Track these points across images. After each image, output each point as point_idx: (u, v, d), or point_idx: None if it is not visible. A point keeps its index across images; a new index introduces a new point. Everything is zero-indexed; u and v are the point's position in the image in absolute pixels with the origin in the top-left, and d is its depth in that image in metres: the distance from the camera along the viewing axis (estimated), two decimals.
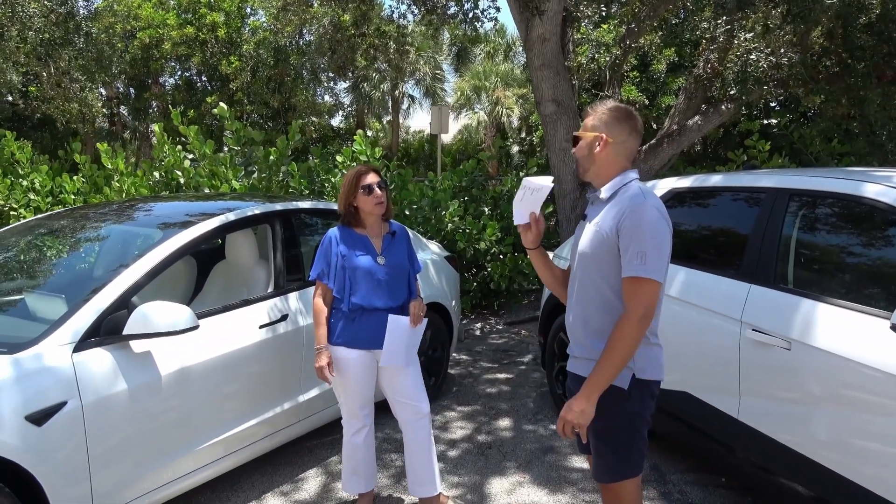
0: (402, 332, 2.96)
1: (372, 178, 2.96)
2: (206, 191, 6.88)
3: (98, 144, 8.21)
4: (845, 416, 2.51)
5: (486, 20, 8.95)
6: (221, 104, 7.11)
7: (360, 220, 3.03)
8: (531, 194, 2.26)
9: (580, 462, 3.76)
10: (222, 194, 6.02)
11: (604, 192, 2.19)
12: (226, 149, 7.70)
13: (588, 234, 2.18)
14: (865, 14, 6.40)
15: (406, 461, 3.16)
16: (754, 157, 7.98)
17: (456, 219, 6.97)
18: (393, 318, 2.94)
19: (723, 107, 7.01)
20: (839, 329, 2.56)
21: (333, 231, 3.04)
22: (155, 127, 7.69)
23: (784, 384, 2.79)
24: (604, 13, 8.13)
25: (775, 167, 7.13)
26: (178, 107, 16.12)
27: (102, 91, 18.20)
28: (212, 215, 3.42)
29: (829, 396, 2.58)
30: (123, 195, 7.32)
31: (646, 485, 3.48)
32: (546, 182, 2.23)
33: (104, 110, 18.00)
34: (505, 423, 4.37)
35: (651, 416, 2.19)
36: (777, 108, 11.98)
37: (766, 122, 11.96)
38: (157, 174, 7.37)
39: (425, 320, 3.04)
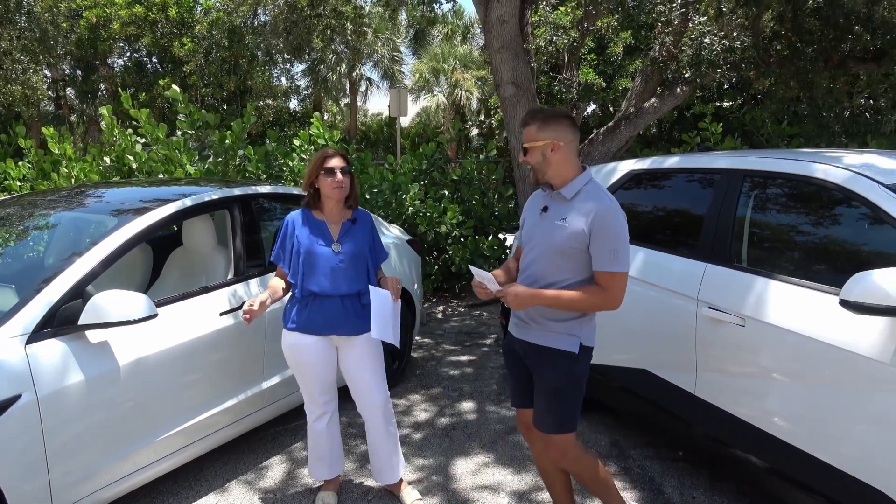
0: (386, 303, 2.90)
1: (336, 162, 2.93)
2: (160, 176, 6.71)
3: (43, 129, 7.92)
4: (797, 389, 2.61)
5: (443, 1, 8.91)
6: (174, 87, 6.93)
7: (320, 202, 3.00)
8: (486, 281, 2.46)
9: None
10: (177, 179, 5.89)
11: (567, 193, 2.43)
12: (178, 132, 7.52)
13: (555, 229, 2.42)
14: None
15: (369, 448, 3.17)
16: (707, 139, 8.15)
17: (417, 202, 6.95)
18: (374, 289, 2.89)
19: (678, 89, 7.13)
20: (791, 305, 2.65)
21: (293, 215, 3.01)
22: (103, 110, 7.44)
23: (739, 360, 2.88)
24: None
25: (728, 149, 7.29)
26: (129, 89, 15.63)
27: (47, 73, 17.53)
28: (169, 201, 3.34)
29: (782, 370, 2.67)
30: (72, 181, 7.09)
31: (607, 460, 3.57)
32: (488, 275, 2.46)
33: (49, 93, 17.37)
34: (468, 404, 4.42)
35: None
36: (728, 90, 12.22)
37: (718, 104, 12.20)
38: (107, 159, 7.16)
39: (399, 301, 3.02)
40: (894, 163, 2.80)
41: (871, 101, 9.31)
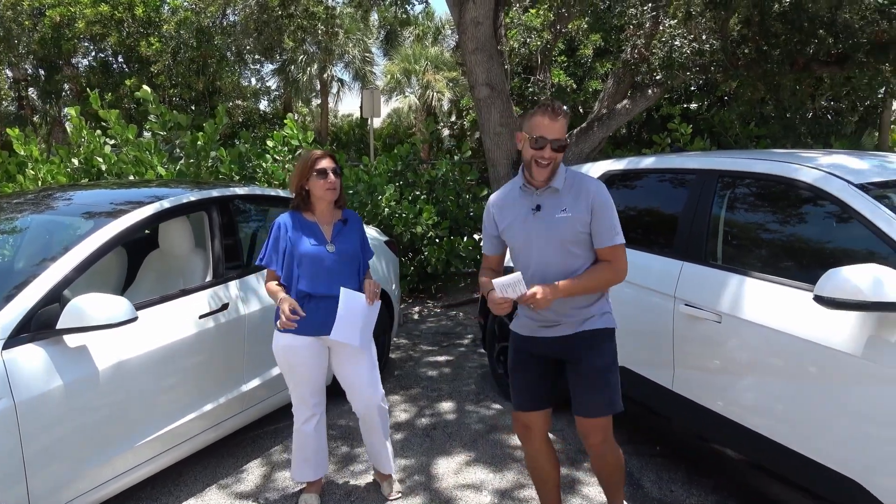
0: (357, 306, 2.90)
1: (327, 163, 2.93)
2: (131, 178, 6.59)
3: (8, 129, 7.73)
4: (773, 383, 2.68)
5: (416, 2, 8.92)
6: (145, 87, 6.83)
7: (310, 204, 2.99)
8: (510, 290, 2.37)
9: None
10: (148, 181, 5.80)
11: (557, 185, 2.49)
12: (146, 134, 7.39)
13: (559, 222, 2.46)
14: (779, 3, 6.72)
15: (367, 444, 3.21)
16: (678, 140, 8.30)
17: (392, 203, 6.95)
18: (346, 291, 2.88)
19: (649, 91, 7.24)
20: (766, 302, 2.72)
21: (284, 217, 2.99)
22: (70, 111, 7.28)
23: (715, 355, 2.95)
24: None
25: (698, 150, 7.43)
26: (94, 90, 15.32)
27: (9, 72, 17.10)
28: (146, 203, 3.29)
29: (758, 365, 2.74)
30: (39, 183, 6.93)
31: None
32: (516, 276, 2.36)
33: (11, 93, 16.94)
34: (448, 404, 4.43)
35: None
36: (696, 92, 12.44)
37: (685, 106, 12.42)
38: (75, 161, 7.00)
39: (379, 302, 3.01)
40: (863, 163, 2.89)
41: (833, 104, 9.57)
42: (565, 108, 2.47)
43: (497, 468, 3.53)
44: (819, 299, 2.31)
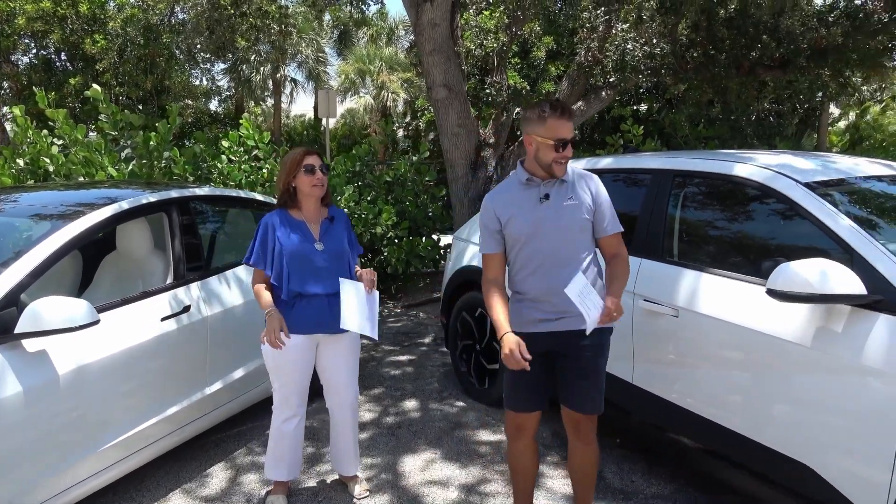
0: (359, 296, 2.90)
1: (314, 160, 2.94)
2: (81, 179, 6.41)
3: None
4: (728, 373, 2.80)
5: (371, 2, 8.90)
6: (95, 86, 6.65)
7: (297, 201, 2.99)
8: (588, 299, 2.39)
9: (488, 436, 3.92)
10: (99, 182, 5.65)
11: (566, 176, 2.57)
12: (92, 135, 7.17)
13: (567, 210, 2.53)
14: (725, 9, 6.98)
15: (332, 441, 3.22)
16: (630, 140, 8.51)
17: (352, 204, 6.94)
18: (346, 281, 2.88)
19: (603, 93, 7.41)
20: (721, 296, 2.84)
21: (270, 216, 2.98)
22: (15, 110, 7.03)
23: (673, 349, 3.06)
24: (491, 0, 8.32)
25: (650, 150, 7.64)
26: (37, 88, 14.77)
27: None
28: (103, 204, 3.22)
29: (714, 357, 2.86)
30: None
31: (550, 450, 3.69)
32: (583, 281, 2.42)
33: None
34: (412, 403, 4.46)
35: None
36: (646, 94, 12.77)
37: (635, 108, 12.74)
38: (21, 161, 6.77)
39: (377, 292, 3.01)
40: (808, 163, 3.05)
41: (776, 106, 9.96)
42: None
43: (463, 464, 3.58)
44: (771, 293, 2.43)
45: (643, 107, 12.95)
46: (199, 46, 15.93)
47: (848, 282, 2.29)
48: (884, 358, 2.25)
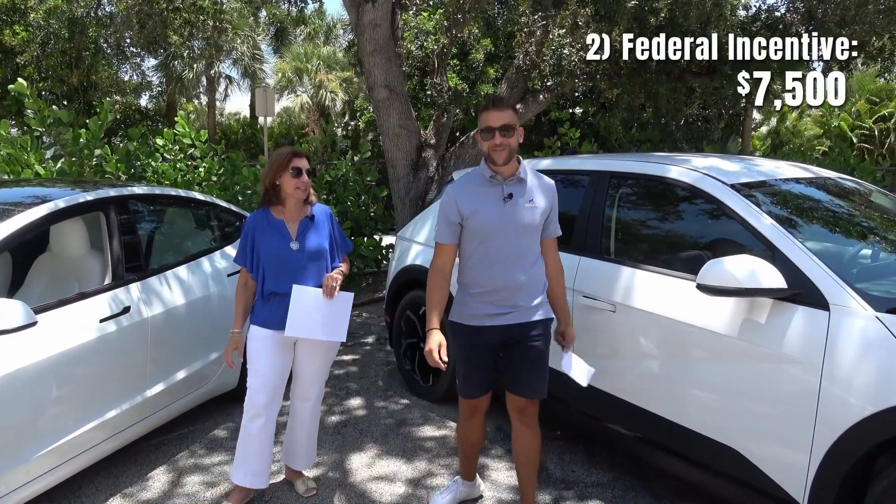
0: (311, 301, 2.91)
1: (303, 164, 2.97)
2: (5, 177, 6.14)
3: None
4: (663, 365, 2.95)
5: (310, 1, 8.85)
6: (21, 80, 6.37)
7: (280, 199, 2.99)
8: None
9: (433, 431, 3.98)
10: (24, 180, 5.44)
11: (522, 175, 2.71)
12: (13, 131, 6.88)
13: (527, 211, 2.69)
14: (656, 18, 7.26)
15: (288, 435, 3.24)
16: (568, 143, 8.74)
17: None
18: (297, 287, 2.91)
19: (541, 96, 7.59)
20: (655, 291, 2.99)
21: (252, 215, 3.05)
22: None
23: (611, 342, 3.20)
24: (431, 1, 8.39)
25: (587, 153, 7.87)
26: None
27: None
28: (34, 203, 3.12)
29: (649, 350, 3.01)
30: None
31: (493, 444, 3.79)
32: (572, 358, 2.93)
33: None
34: (357, 401, 4.48)
35: None
36: (581, 98, 13.12)
37: (571, 111, 13.07)
38: None
39: (348, 294, 3.04)
40: (734, 166, 3.25)
41: (704, 111, 10.42)
42: (504, 98, 2.72)
43: (408, 459, 3.63)
44: (701, 287, 2.59)
45: (579, 110, 13.29)
46: (128, 40, 15.40)
47: (770, 277, 2.47)
48: (801, 347, 2.44)
